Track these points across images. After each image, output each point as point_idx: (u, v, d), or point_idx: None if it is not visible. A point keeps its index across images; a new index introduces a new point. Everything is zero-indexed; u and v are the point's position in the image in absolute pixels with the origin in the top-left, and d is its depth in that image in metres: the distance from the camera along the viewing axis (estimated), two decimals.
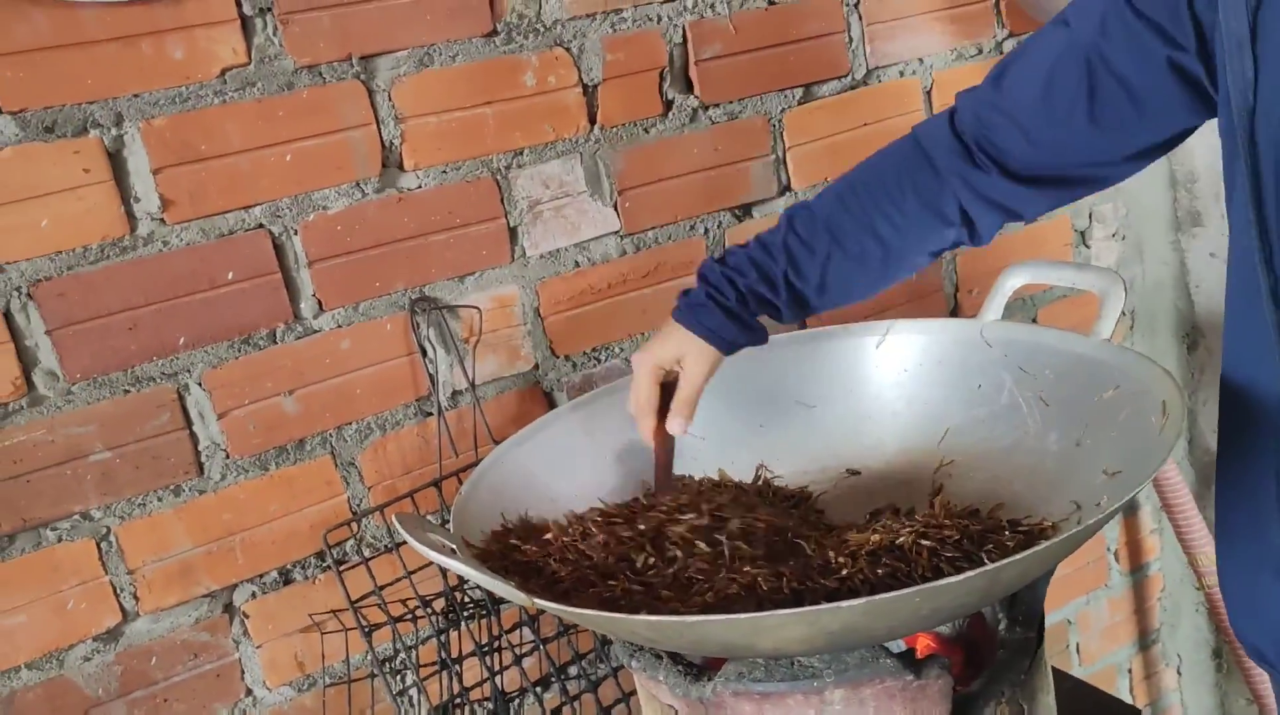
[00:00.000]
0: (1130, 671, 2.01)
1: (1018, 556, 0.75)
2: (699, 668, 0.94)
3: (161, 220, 1.10)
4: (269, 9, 1.12)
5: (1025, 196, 1.00)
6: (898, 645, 1.06)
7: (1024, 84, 0.96)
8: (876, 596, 0.73)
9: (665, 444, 1.08)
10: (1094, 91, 0.92)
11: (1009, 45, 1.62)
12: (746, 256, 1.05)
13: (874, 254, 1.03)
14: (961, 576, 0.73)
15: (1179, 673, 2.07)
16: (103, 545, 1.12)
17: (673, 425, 1.06)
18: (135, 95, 1.07)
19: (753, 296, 1.04)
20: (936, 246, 1.04)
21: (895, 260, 1.04)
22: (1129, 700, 2.01)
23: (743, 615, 0.77)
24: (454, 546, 0.92)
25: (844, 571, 0.87)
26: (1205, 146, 1.76)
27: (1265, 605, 0.91)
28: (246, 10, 1.11)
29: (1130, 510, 1.93)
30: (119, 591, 1.13)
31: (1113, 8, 0.90)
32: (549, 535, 1.00)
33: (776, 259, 1.04)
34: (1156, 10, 0.87)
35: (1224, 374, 0.92)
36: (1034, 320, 1.72)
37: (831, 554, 0.90)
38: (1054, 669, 1.22)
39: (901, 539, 0.90)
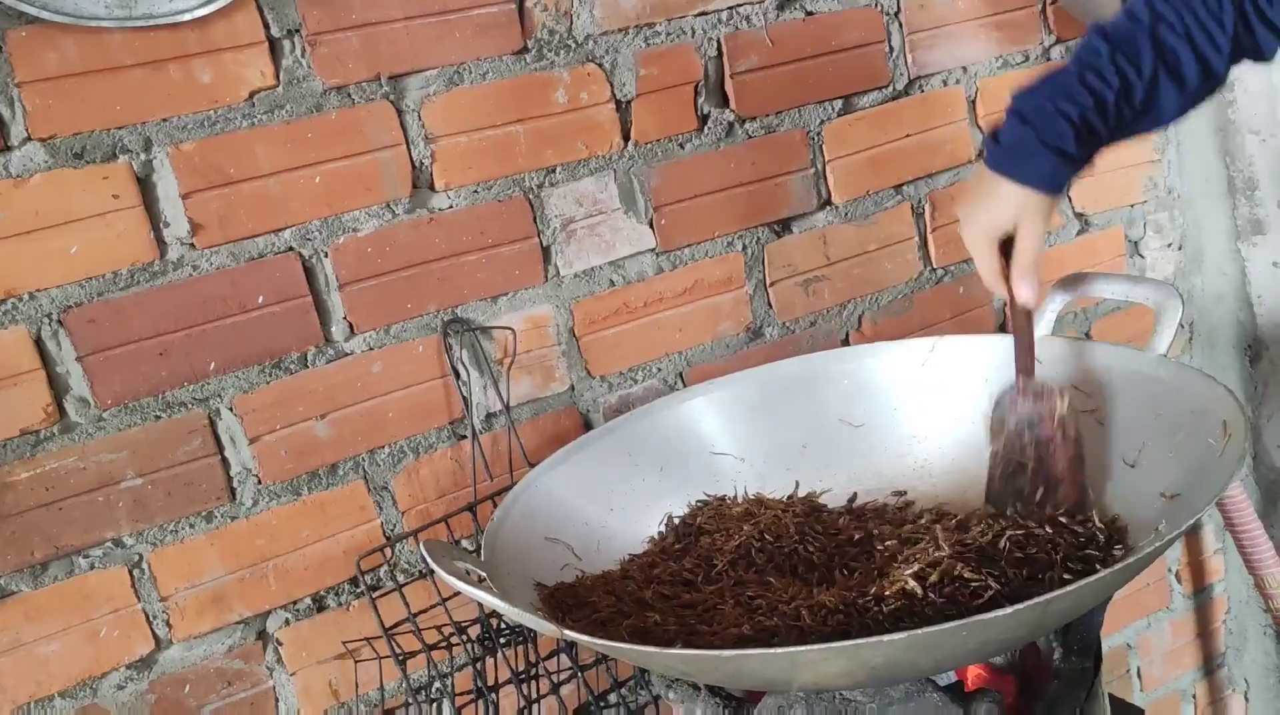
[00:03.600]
0: (1195, 698, 1.93)
1: (1070, 588, 0.71)
2: (738, 700, 0.91)
3: (191, 245, 1.09)
4: (297, 30, 1.11)
5: None
6: (946, 677, 1.02)
7: None
8: (920, 630, 0.69)
9: (1022, 318, 1.01)
10: None
11: (1056, 52, 1.57)
12: (1076, 79, 0.93)
13: (1193, 73, 0.93)
14: (1011, 609, 0.69)
15: (1246, 699, 1.99)
16: (135, 572, 1.11)
17: (1024, 293, 0.97)
18: (164, 120, 1.07)
19: (1086, 129, 0.92)
20: (1238, 60, 0.95)
21: (1210, 80, 0.95)
22: None
23: (780, 649, 0.73)
24: (482, 574, 0.90)
25: (893, 603, 0.83)
26: (1265, 152, 1.70)
27: None
28: (274, 32, 1.10)
29: (1192, 531, 1.86)
30: (152, 619, 1.12)
31: None
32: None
33: (1109, 82, 0.92)
34: None
35: None
36: (1087, 335, 1.67)
37: (881, 582, 0.87)
38: (1114, 698, 1.17)
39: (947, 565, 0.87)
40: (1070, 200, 1.63)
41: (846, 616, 0.82)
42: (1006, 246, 0.97)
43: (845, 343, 1.48)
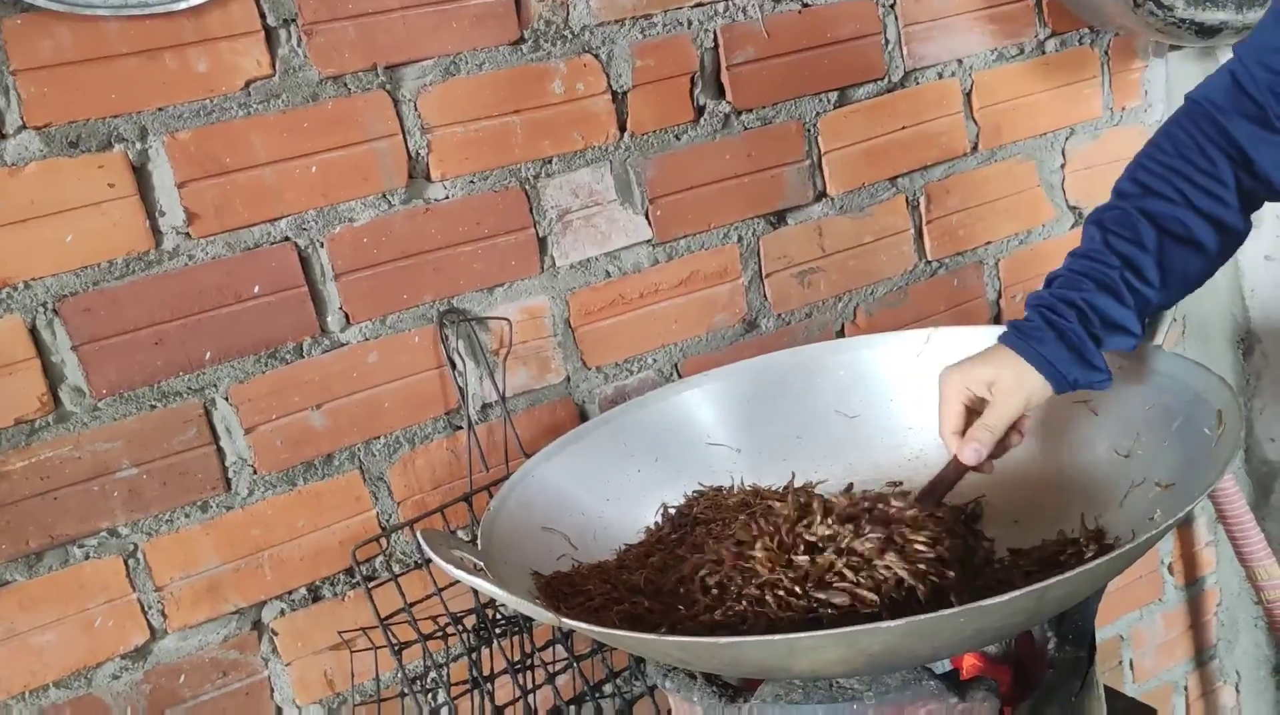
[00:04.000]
0: (1186, 689, 1.94)
1: (1065, 575, 0.71)
2: (735, 688, 0.91)
3: (187, 234, 1.09)
4: (293, 20, 1.11)
5: None
6: (942, 665, 1.02)
7: None
8: (917, 617, 0.70)
9: (956, 469, 0.97)
10: None
11: (1051, 45, 1.57)
12: (1071, 271, 0.94)
13: (1205, 234, 0.92)
14: (1007, 596, 0.70)
15: (1237, 690, 2.00)
16: (130, 562, 1.11)
17: (964, 452, 0.94)
18: (159, 109, 1.06)
19: (1095, 313, 0.91)
20: (1256, 207, 0.95)
21: (1226, 234, 0.93)
22: None
23: (777, 636, 0.73)
24: (479, 563, 0.90)
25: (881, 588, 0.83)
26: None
27: None
28: (270, 21, 1.10)
29: (1184, 522, 1.87)
30: (147, 609, 1.12)
31: None
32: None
33: (1110, 263, 0.92)
34: None
35: None
36: None
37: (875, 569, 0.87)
38: (1107, 688, 1.17)
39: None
40: (1065, 194, 1.63)
41: (844, 605, 0.82)
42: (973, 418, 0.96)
43: (840, 334, 1.48)
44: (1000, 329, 0.98)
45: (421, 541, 0.87)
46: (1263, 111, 0.91)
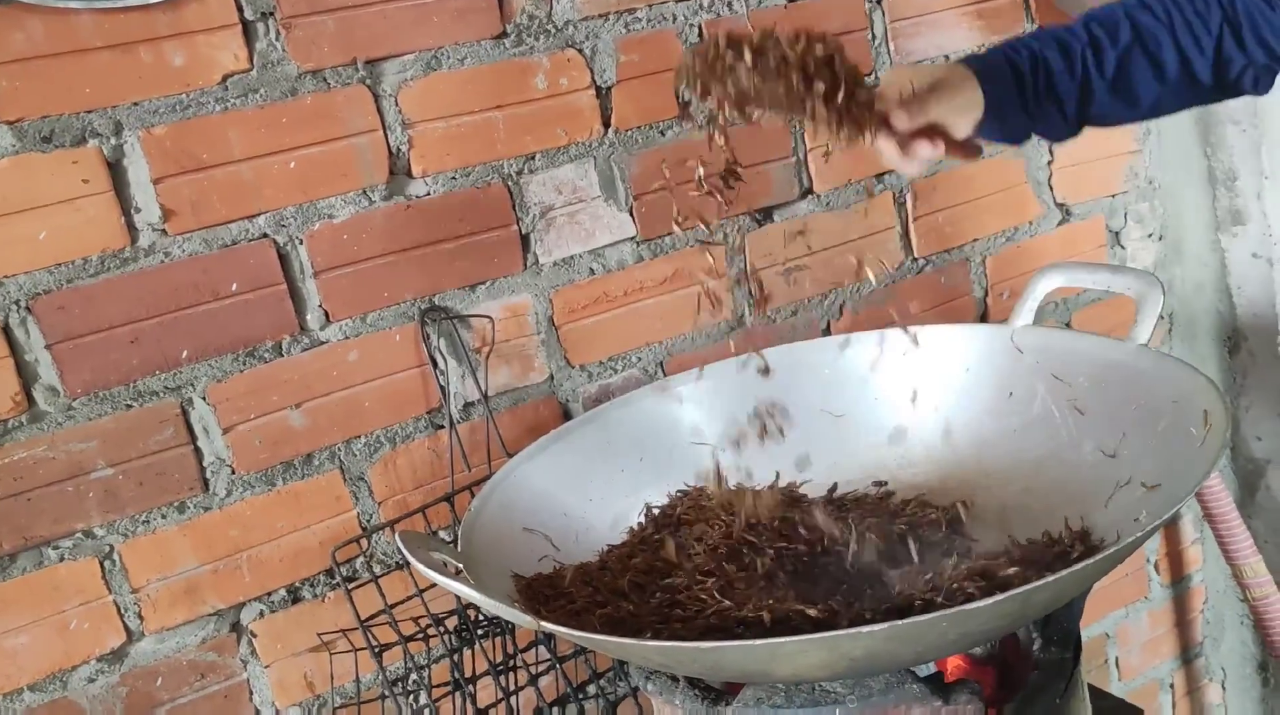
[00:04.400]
0: (1172, 687, 1.94)
1: (1050, 579, 0.70)
2: (717, 692, 0.90)
3: (163, 231, 1.08)
4: (271, 13, 1.09)
5: None
6: (926, 668, 1.02)
7: None
8: (901, 621, 0.69)
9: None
10: None
11: None
12: (1044, 31, 0.98)
13: (1171, 63, 0.96)
14: (991, 600, 0.69)
15: (1223, 688, 2.00)
16: (106, 564, 1.09)
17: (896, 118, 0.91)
18: (134, 103, 1.05)
19: (1042, 67, 0.95)
20: (1225, 74, 0.97)
21: (1188, 78, 0.97)
22: None
23: (760, 641, 0.73)
24: (459, 566, 0.89)
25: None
26: (1245, 142, 1.70)
27: None
28: (248, 15, 1.08)
29: (1171, 521, 1.87)
30: (123, 611, 1.11)
31: None
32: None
33: (1076, 35, 0.97)
34: None
35: None
36: (1068, 325, 1.67)
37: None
38: (1092, 687, 1.17)
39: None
40: (1052, 191, 1.62)
41: (826, 611, 0.81)
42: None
43: (826, 332, 1.47)
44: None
45: (400, 544, 0.86)
46: None
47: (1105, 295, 1.65)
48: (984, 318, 1.59)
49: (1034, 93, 0.96)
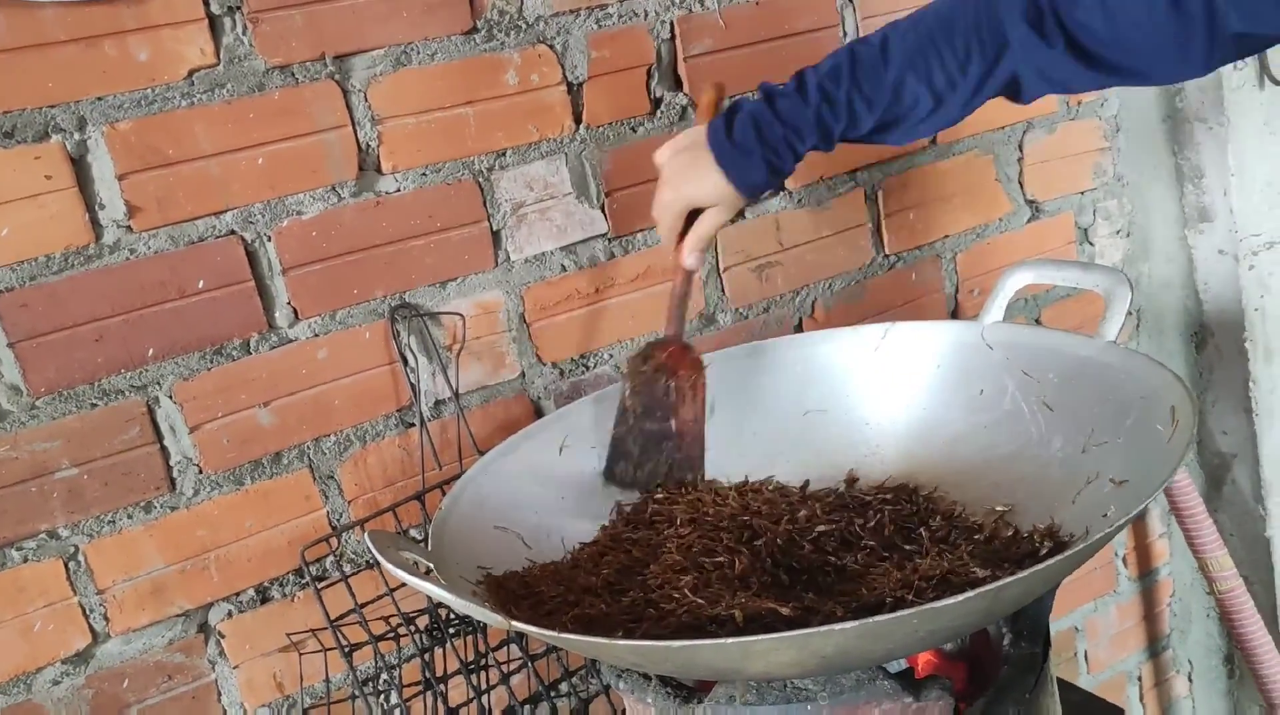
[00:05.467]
0: (1140, 679, 1.96)
1: (1018, 576, 0.70)
2: (689, 689, 0.90)
3: (128, 228, 1.06)
4: (238, 7, 1.08)
5: (1082, 73, 0.95)
6: (898, 664, 1.02)
7: None
8: (871, 619, 0.69)
9: (684, 279, 1.10)
10: None
11: None
12: (811, 113, 1.00)
13: (925, 106, 1.00)
14: (961, 597, 0.69)
15: (1190, 680, 2.02)
16: (71, 565, 1.08)
17: (691, 261, 1.07)
18: (99, 98, 1.03)
19: (793, 153, 1.02)
20: (978, 104, 1.01)
21: (941, 113, 1.01)
22: (1139, 709, 1.97)
23: (731, 640, 0.72)
24: (429, 565, 0.88)
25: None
26: (1212, 140, 1.72)
27: None
28: (214, 9, 1.07)
29: (1138, 516, 1.88)
30: (88, 612, 1.09)
31: None
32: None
33: (839, 117, 1.01)
34: None
35: None
36: (1037, 321, 1.68)
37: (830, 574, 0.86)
38: (1062, 681, 1.18)
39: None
40: (1022, 188, 1.63)
41: (798, 611, 0.81)
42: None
43: (798, 329, 1.47)
44: None
45: (369, 544, 0.85)
46: (1040, 16, 0.94)
47: (1074, 291, 1.66)
48: (955, 314, 1.60)
49: (789, 169, 1.04)
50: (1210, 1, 0.85)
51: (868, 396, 1.18)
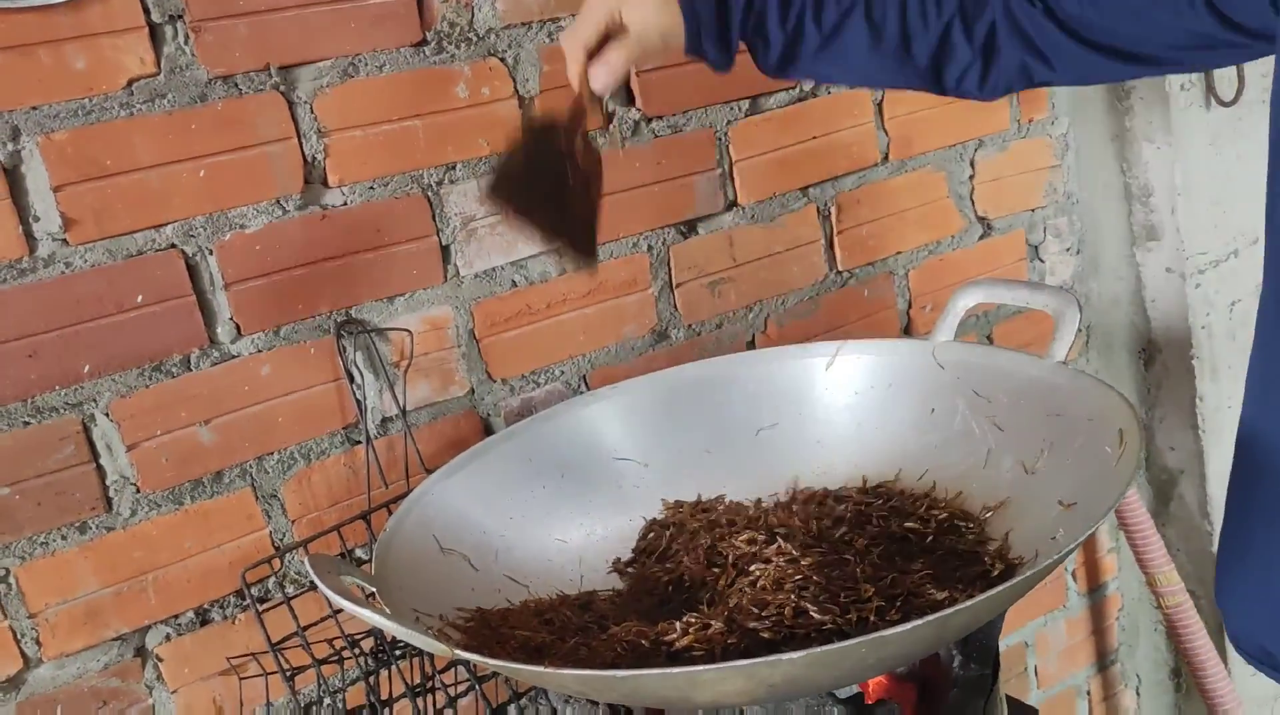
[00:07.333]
0: (1089, 693, 1.97)
1: (967, 604, 0.70)
2: None
3: (64, 241, 1.03)
4: (180, 16, 1.05)
5: (1063, 48, 0.92)
6: (848, 688, 1.01)
7: None
8: (818, 648, 0.68)
9: (580, 98, 0.95)
10: None
11: None
12: None
13: (891, 34, 0.94)
14: (909, 625, 0.68)
15: (1138, 693, 2.04)
16: (1, 588, 1.04)
17: (594, 72, 0.92)
18: (33, 108, 1.00)
19: (755, 7, 0.93)
20: (944, 60, 0.96)
21: (903, 52, 0.95)
22: None
23: (677, 669, 0.71)
24: (372, 590, 0.86)
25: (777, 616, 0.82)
26: (1160, 159, 1.74)
27: None
28: (155, 18, 1.05)
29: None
30: (19, 637, 1.06)
31: None
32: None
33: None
34: None
35: (1250, 415, 0.88)
36: (989, 338, 1.69)
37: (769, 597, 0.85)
38: (1012, 699, 1.18)
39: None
40: (974, 205, 1.64)
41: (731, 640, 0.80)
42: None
43: (751, 345, 1.47)
44: None
45: (309, 569, 0.83)
46: None
47: (1026, 309, 1.67)
48: (907, 330, 1.60)
49: (740, 32, 0.94)
50: None
51: (819, 415, 1.18)
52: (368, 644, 1.14)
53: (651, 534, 1.09)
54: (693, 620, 0.83)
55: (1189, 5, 0.85)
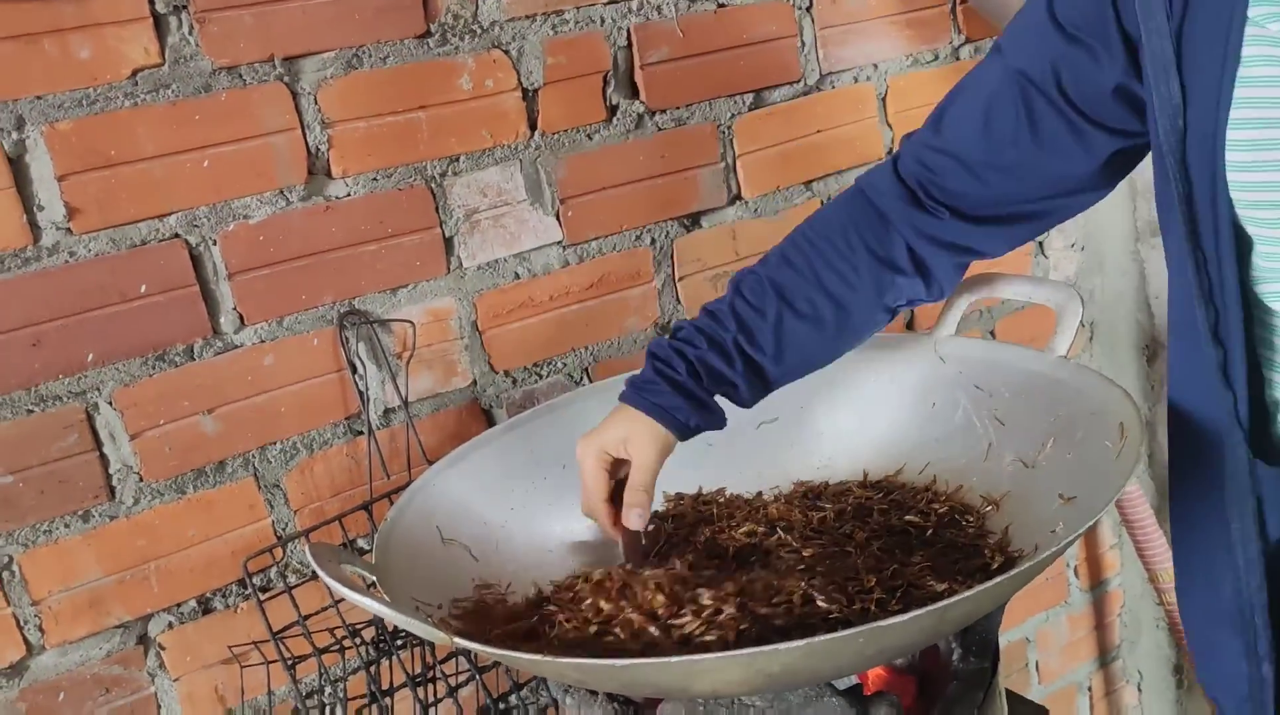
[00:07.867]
0: (1090, 689, 1.98)
1: (967, 594, 0.70)
2: (636, 705, 0.89)
3: (68, 230, 1.04)
4: (184, 6, 1.06)
5: (982, 235, 0.95)
6: (848, 679, 1.01)
7: (963, 120, 0.92)
8: (818, 638, 0.68)
9: (629, 536, 0.96)
10: (1033, 117, 0.88)
11: (965, 51, 1.58)
12: (694, 327, 0.97)
13: (826, 312, 0.96)
14: (908, 615, 0.68)
15: (1139, 689, 2.04)
16: (4, 575, 1.05)
17: (629, 519, 0.94)
18: (38, 97, 1.01)
19: (704, 368, 0.95)
20: (891, 299, 0.98)
21: (849, 317, 0.97)
22: None
23: (676, 659, 0.71)
24: (372, 579, 0.86)
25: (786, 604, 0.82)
26: None
27: (1221, 658, 0.88)
28: (160, 8, 1.05)
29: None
30: (23, 624, 1.06)
31: (1042, 31, 0.86)
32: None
33: (726, 326, 0.96)
34: (1086, 31, 0.83)
35: (1171, 401, 0.89)
36: (991, 333, 1.69)
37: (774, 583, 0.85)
38: (1012, 693, 1.18)
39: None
40: None
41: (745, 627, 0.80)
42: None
43: None
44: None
45: (310, 558, 0.83)
46: (914, 195, 0.95)
47: (1029, 303, 1.67)
48: (910, 325, 1.60)
49: (708, 395, 0.96)
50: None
51: (821, 408, 1.18)
52: (369, 633, 1.15)
53: (652, 526, 1.09)
54: (707, 603, 0.83)
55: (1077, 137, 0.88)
